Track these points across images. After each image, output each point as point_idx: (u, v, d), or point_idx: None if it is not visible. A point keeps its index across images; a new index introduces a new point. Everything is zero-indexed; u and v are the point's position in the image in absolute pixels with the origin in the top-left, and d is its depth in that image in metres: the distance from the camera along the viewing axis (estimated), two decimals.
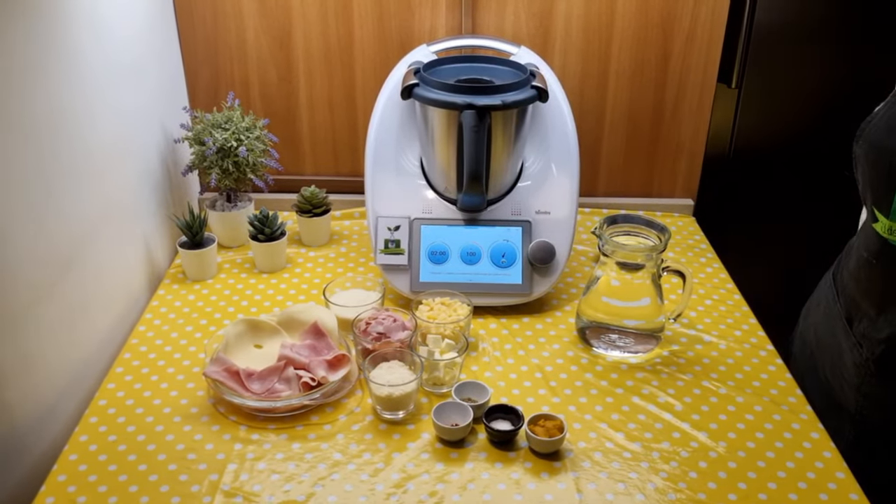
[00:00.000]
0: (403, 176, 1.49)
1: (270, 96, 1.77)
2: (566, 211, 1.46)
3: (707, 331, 1.42)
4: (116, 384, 1.27)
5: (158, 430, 1.18)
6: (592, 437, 1.18)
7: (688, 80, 1.74)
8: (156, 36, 1.59)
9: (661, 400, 1.25)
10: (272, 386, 1.22)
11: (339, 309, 1.37)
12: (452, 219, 1.46)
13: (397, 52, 1.68)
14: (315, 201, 1.66)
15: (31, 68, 1.11)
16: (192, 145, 1.59)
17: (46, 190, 1.16)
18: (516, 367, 1.32)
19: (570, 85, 1.71)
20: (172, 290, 1.52)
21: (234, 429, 1.18)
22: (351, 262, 1.63)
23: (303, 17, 1.68)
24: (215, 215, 1.64)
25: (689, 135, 1.80)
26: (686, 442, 1.17)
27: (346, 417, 1.21)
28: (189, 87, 1.76)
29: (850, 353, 1.20)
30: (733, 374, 1.31)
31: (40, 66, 1.14)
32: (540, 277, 1.45)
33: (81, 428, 1.18)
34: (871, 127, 1.10)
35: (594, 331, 1.37)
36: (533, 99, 1.37)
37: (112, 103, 1.37)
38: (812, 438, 1.18)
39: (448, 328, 1.30)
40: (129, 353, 1.34)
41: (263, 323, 1.34)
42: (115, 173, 1.40)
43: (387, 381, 1.18)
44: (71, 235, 1.23)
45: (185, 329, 1.41)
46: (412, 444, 1.16)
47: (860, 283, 1.19)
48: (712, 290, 1.55)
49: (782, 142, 1.88)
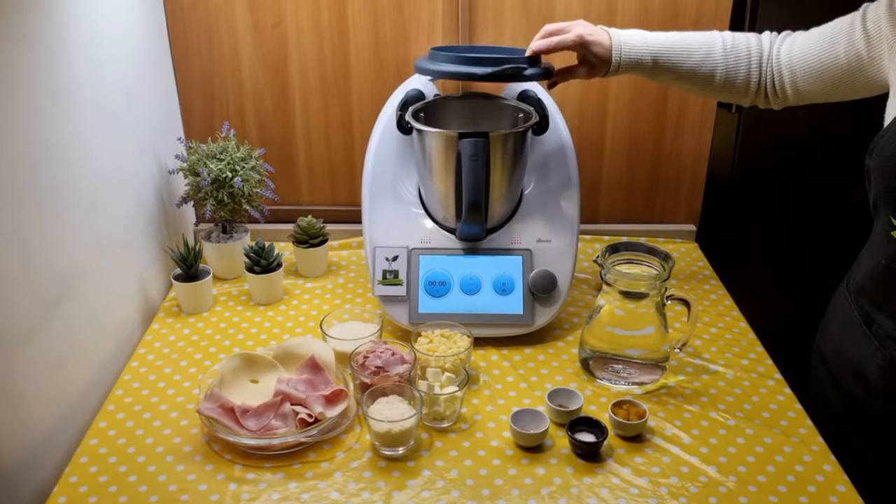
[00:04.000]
0: (401, 205, 1.47)
1: (266, 126, 1.75)
2: (567, 239, 1.44)
3: (713, 360, 1.39)
4: (108, 422, 1.24)
5: (150, 470, 1.14)
6: (598, 472, 1.14)
7: (688, 105, 1.72)
8: (150, 66, 1.58)
9: (668, 432, 1.22)
10: (268, 423, 1.18)
11: (336, 342, 1.34)
12: (451, 248, 1.44)
13: (394, 79, 1.67)
14: (312, 231, 1.64)
15: (24, 99, 1.09)
16: (187, 176, 1.57)
17: (38, 222, 1.13)
18: (518, 400, 1.29)
19: (570, 110, 1.70)
20: (167, 324, 1.50)
21: (228, 468, 1.15)
22: (349, 294, 1.61)
23: (298, 46, 1.67)
24: (211, 247, 1.62)
25: (690, 160, 1.78)
26: (695, 476, 1.13)
27: (343, 454, 1.18)
28: (184, 117, 1.74)
29: (873, 357, 1.19)
30: (741, 404, 1.28)
31: (33, 96, 1.12)
32: (541, 307, 1.42)
33: (72, 469, 1.14)
34: (883, 141, 1.13)
35: (598, 361, 1.34)
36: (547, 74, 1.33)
37: (106, 134, 1.35)
38: (825, 471, 1.14)
39: (448, 361, 1.27)
40: (122, 390, 1.31)
41: (259, 357, 1.31)
42: (109, 205, 1.37)
43: (386, 416, 1.15)
44: (63, 269, 1.21)
45: (179, 364, 1.38)
46: (412, 481, 1.12)
47: (880, 288, 1.19)
48: (717, 318, 1.52)
49: (784, 166, 1.86)
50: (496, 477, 1.13)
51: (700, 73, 1.32)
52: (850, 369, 1.25)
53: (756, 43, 1.31)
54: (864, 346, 1.22)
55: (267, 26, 1.65)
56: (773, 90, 1.32)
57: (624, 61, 1.31)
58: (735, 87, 1.33)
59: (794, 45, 1.28)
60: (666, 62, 1.31)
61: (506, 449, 1.19)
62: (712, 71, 1.31)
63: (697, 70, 1.31)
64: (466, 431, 1.22)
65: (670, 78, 1.34)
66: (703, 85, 1.33)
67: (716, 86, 1.33)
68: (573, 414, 1.22)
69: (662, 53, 1.31)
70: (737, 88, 1.33)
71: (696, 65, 1.31)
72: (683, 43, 1.31)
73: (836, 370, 1.30)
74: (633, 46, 1.31)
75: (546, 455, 1.17)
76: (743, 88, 1.33)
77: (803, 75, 1.27)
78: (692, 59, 1.31)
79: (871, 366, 1.20)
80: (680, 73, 1.32)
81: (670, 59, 1.31)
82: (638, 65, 1.32)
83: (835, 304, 1.34)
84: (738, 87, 1.32)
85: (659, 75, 1.34)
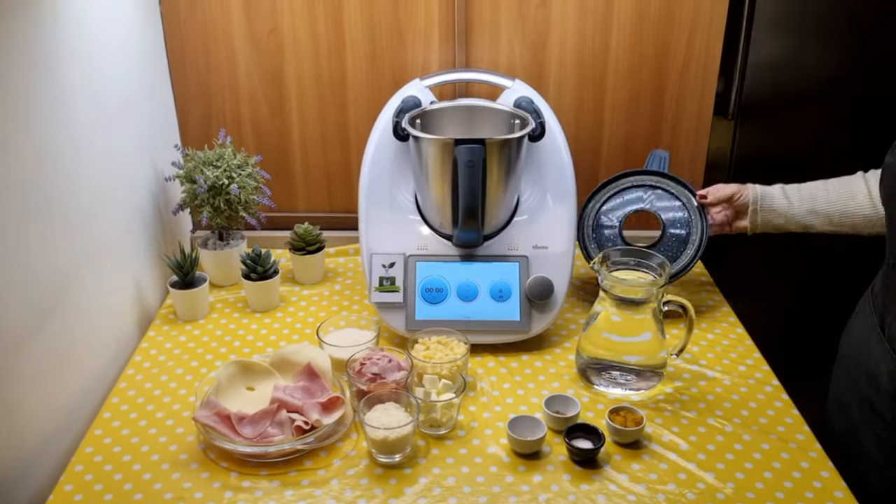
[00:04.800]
0: (398, 212, 1.47)
1: (263, 133, 1.75)
2: (564, 245, 1.44)
3: (711, 366, 1.39)
4: (104, 430, 1.23)
5: (146, 478, 1.14)
6: (595, 479, 1.14)
7: (684, 112, 1.73)
8: (147, 74, 1.58)
9: (666, 439, 1.22)
10: (264, 430, 1.18)
11: (332, 349, 1.34)
12: (448, 255, 1.44)
13: (390, 86, 1.67)
14: (308, 238, 1.63)
15: (19, 105, 1.09)
16: (184, 183, 1.57)
17: (33, 229, 1.13)
18: (515, 407, 1.29)
19: (566, 117, 1.70)
20: (163, 332, 1.49)
21: (224, 476, 1.14)
22: (345, 300, 1.61)
23: (295, 53, 1.67)
24: (207, 254, 1.61)
25: (686, 166, 1.78)
26: (692, 483, 1.13)
27: (340, 462, 1.17)
28: (181, 124, 1.74)
29: (884, 360, 1.19)
30: (739, 410, 1.28)
31: (28, 102, 1.12)
32: (538, 314, 1.42)
33: (67, 477, 1.14)
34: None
35: (595, 368, 1.33)
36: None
37: (102, 142, 1.35)
38: (822, 478, 1.14)
39: (445, 368, 1.27)
40: (118, 398, 1.31)
41: (256, 364, 1.31)
42: (105, 212, 1.37)
43: (382, 423, 1.15)
44: (59, 276, 1.20)
45: (175, 372, 1.38)
46: (409, 489, 1.12)
47: (889, 288, 1.19)
48: (714, 324, 1.52)
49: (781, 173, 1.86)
50: (493, 484, 1.13)
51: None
52: (865, 372, 1.25)
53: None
54: (878, 348, 1.22)
55: (263, 33, 1.65)
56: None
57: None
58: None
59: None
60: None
61: (503, 456, 1.18)
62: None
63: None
64: (463, 438, 1.22)
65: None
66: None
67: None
68: (570, 420, 1.21)
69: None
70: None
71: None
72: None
73: (852, 372, 1.30)
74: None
75: (543, 462, 1.17)
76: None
77: None
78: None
79: (883, 369, 1.20)
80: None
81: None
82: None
83: (860, 305, 1.34)
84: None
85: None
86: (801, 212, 1.40)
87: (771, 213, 1.42)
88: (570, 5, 1.62)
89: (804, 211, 1.39)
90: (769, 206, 1.42)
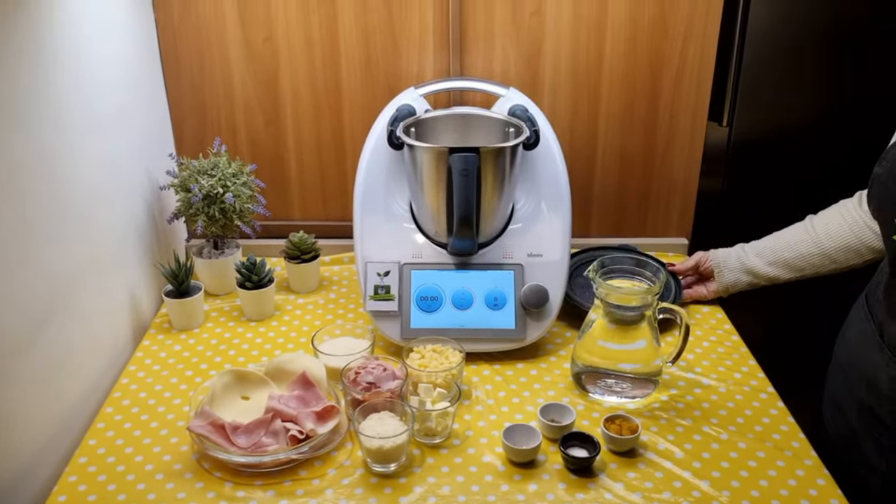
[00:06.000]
0: (393, 220, 1.47)
1: (258, 141, 1.75)
2: (559, 253, 1.44)
3: (706, 373, 1.39)
4: (98, 440, 1.23)
5: (140, 488, 1.13)
6: (591, 488, 1.14)
7: (678, 118, 1.73)
8: (142, 82, 1.58)
9: (661, 447, 1.22)
10: (259, 440, 1.18)
11: (327, 358, 1.33)
12: (443, 263, 1.43)
13: (385, 95, 1.67)
14: (303, 247, 1.63)
15: (13, 112, 1.09)
16: (178, 192, 1.56)
17: (27, 237, 1.13)
18: (510, 416, 1.28)
19: (561, 125, 1.70)
20: (158, 341, 1.49)
21: (218, 486, 1.14)
22: (340, 309, 1.60)
23: (289, 62, 1.67)
24: (202, 263, 1.61)
25: (681, 173, 1.78)
26: (688, 492, 1.13)
27: (335, 471, 1.17)
28: (175, 133, 1.74)
29: (886, 368, 1.20)
30: (734, 418, 1.28)
31: (22, 109, 1.11)
32: (533, 322, 1.42)
33: (60, 487, 1.13)
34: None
35: (590, 376, 1.33)
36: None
37: (96, 150, 1.35)
38: (818, 485, 1.14)
39: (440, 376, 1.27)
40: (112, 408, 1.30)
41: (250, 373, 1.30)
42: (99, 221, 1.37)
43: (377, 432, 1.15)
44: (52, 285, 1.20)
45: (169, 381, 1.37)
46: (404, 498, 1.12)
47: (889, 297, 1.20)
48: (710, 332, 1.52)
49: (776, 178, 1.86)
50: (489, 493, 1.13)
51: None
52: (864, 378, 1.26)
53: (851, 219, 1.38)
54: (877, 355, 1.22)
55: (258, 41, 1.66)
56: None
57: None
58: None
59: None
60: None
61: (498, 465, 1.18)
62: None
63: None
64: (458, 447, 1.22)
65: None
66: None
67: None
68: (565, 429, 1.21)
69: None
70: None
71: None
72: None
73: (850, 378, 1.30)
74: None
75: (539, 471, 1.17)
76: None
77: None
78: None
79: (883, 376, 1.20)
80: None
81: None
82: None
83: (853, 313, 1.35)
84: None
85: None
86: (761, 265, 1.47)
87: (735, 273, 1.51)
88: (564, 13, 1.63)
89: (764, 264, 1.47)
90: (733, 267, 1.51)
